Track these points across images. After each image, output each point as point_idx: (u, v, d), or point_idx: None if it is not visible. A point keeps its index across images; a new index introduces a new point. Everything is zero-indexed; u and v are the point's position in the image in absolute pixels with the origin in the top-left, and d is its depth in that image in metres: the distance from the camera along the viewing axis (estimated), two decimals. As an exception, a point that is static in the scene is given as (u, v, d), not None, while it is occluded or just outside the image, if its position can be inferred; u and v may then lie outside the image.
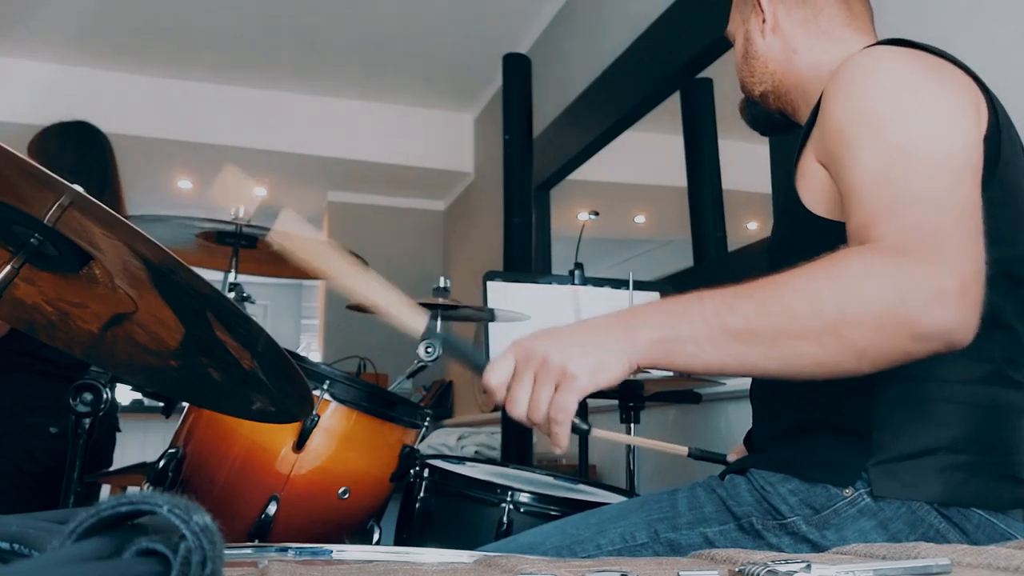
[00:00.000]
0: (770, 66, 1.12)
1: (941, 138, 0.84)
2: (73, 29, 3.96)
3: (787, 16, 1.10)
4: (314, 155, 4.77)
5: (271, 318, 7.81)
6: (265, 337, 0.83)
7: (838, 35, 1.08)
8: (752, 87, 1.15)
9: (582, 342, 0.81)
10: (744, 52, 1.16)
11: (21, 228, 0.82)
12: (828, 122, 0.92)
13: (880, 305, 0.74)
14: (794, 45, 1.09)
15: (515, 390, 0.83)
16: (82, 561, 0.33)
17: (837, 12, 1.09)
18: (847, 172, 0.87)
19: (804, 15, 1.09)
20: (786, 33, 1.10)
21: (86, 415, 1.22)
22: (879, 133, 0.85)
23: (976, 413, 0.88)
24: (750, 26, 1.14)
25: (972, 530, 0.86)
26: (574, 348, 0.80)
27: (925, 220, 0.78)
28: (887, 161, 0.83)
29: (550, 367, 0.80)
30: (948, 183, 0.81)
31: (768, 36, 1.11)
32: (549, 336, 0.83)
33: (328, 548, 0.77)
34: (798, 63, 1.09)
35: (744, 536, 0.93)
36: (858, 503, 0.88)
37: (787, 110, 1.13)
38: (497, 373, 0.84)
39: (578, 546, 1.00)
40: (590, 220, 3.68)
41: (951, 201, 0.79)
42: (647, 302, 0.83)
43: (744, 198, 2.51)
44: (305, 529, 1.34)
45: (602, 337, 0.81)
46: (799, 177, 0.97)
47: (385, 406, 1.42)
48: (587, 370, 0.79)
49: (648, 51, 2.76)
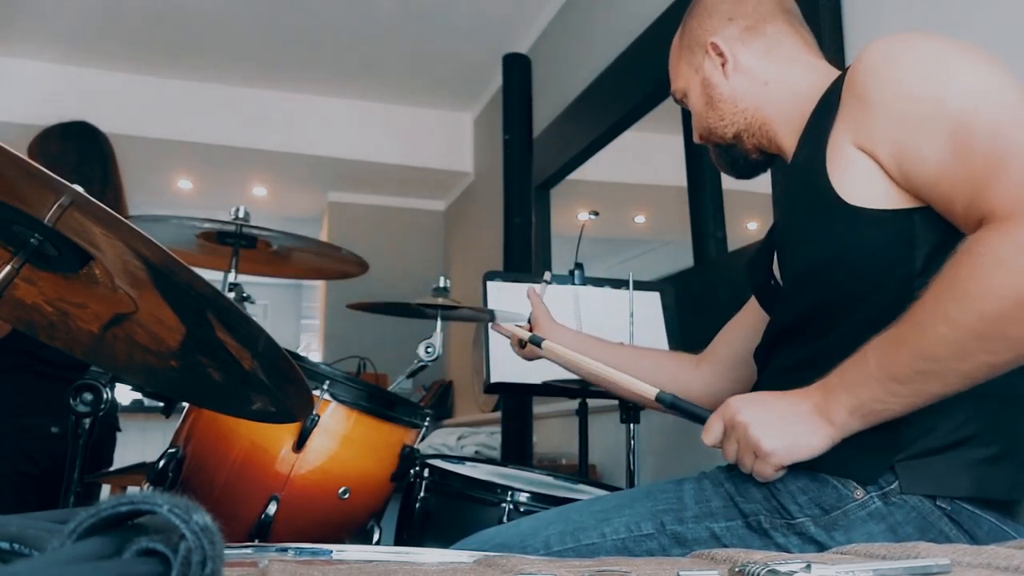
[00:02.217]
0: (739, 104, 1.11)
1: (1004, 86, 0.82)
2: (73, 29, 3.96)
3: (747, 52, 1.11)
4: (314, 155, 4.76)
5: (271, 318, 7.81)
6: (265, 337, 0.83)
7: (804, 60, 1.09)
8: (724, 131, 1.14)
9: (779, 421, 0.90)
10: (706, 100, 1.15)
11: (21, 228, 0.82)
12: (874, 104, 0.89)
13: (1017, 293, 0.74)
14: (764, 77, 1.10)
15: (726, 449, 0.95)
16: (82, 561, 0.33)
17: (794, 40, 1.11)
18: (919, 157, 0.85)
19: (764, 47, 1.10)
20: (751, 68, 1.10)
21: (86, 415, 1.22)
22: (941, 105, 0.83)
23: (1001, 405, 0.87)
24: (706, 73, 1.14)
25: (982, 536, 0.85)
26: (771, 427, 0.89)
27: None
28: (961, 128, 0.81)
29: (748, 441, 0.90)
30: None
31: (732, 76, 1.11)
32: (753, 407, 0.92)
33: (328, 548, 0.77)
34: (773, 93, 1.09)
35: (751, 534, 0.93)
36: (868, 506, 0.87)
37: (763, 144, 1.12)
38: (709, 436, 0.96)
39: (582, 533, 0.99)
40: (590, 220, 3.68)
41: None
42: (824, 382, 0.89)
43: (744, 198, 2.51)
44: (305, 529, 1.34)
45: (801, 422, 0.88)
46: (832, 170, 0.93)
47: (385, 406, 1.42)
48: (783, 448, 0.88)
49: (648, 51, 2.76)
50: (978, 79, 0.84)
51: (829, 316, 0.94)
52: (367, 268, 1.80)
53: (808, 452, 0.88)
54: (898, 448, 0.87)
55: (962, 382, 0.80)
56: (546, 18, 3.73)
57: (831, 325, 0.93)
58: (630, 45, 2.85)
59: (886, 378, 0.82)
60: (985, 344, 0.77)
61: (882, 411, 0.84)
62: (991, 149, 0.79)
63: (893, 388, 0.82)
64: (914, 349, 0.80)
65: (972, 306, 0.76)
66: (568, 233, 3.50)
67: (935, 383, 0.81)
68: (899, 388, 0.82)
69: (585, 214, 3.73)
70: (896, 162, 0.87)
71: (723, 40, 1.11)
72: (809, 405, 0.88)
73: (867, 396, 0.84)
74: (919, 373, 0.80)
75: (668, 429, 2.46)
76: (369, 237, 5.17)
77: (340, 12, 3.79)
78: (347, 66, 4.36)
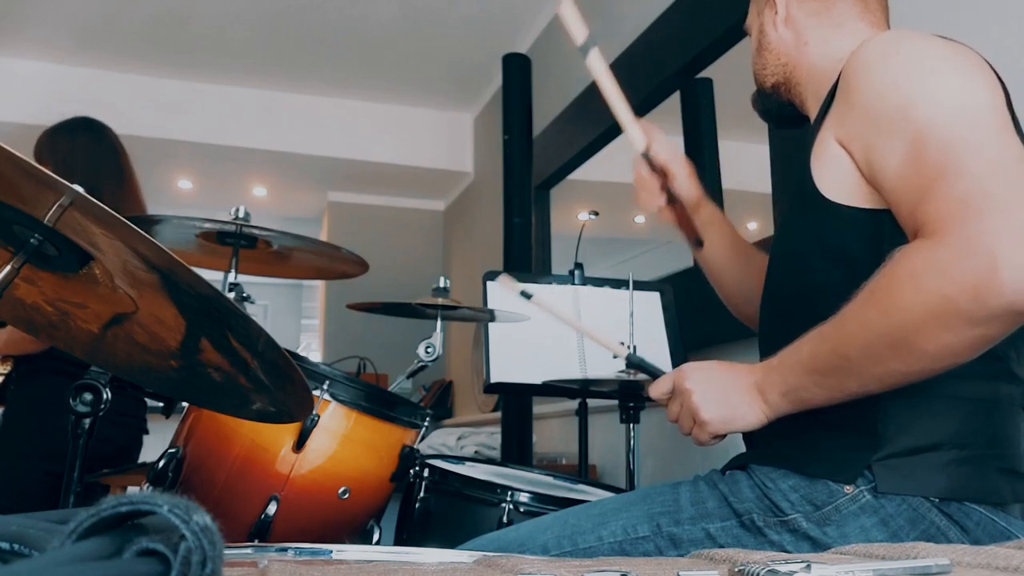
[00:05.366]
0: (782, 58, 1.13)
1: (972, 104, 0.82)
2: (74, 29, 3.96)
3: (799, 8, 1.11)
4: (314, 155, 4.76)
5: (271, 318, 7.81)
6: (265, 337, 0.83)
7: (851, 27, 1.08)
8: (764, 79, 1.16)
9: (721, 394, 0.96)
10: (758, 44, 1.17)
11: (21, 228, 0.82)
12: (854, 101, 0.90)
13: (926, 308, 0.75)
14: (806, 37, 1.10)
15: (670, 409, 1.02)
16: (82, 561, 0.33)
17: (851, 5, 1.09)
18: (882, 159, 0.86)
19: (816, 7, 1.10)
20: (798, 25, 1.11)
21: (86, 415, 1.22)
22: (908, 112, 0.84)
23: (978, 407, 0.88)
24: (764, 19, 1.15)
25: (972, 527, 0.86)
26: (712, 398, 0.96)
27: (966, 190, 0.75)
28: (919, 138, 0.82)
29: (689, 407, 0.97)
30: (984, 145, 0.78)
31: (780, 28, 1.12)
32: (700, 375, 0.98)
33: (328, 548, 0.77)
34: (810, 55, 1.09)
35: (746, 532, 0.93)
36: (859, 500, 0.88)
37: (796, 103, 1.14)
38: (655, 390, 1.03)
39: (579, 536, 1.00)
40: (590, 220, 3.68)
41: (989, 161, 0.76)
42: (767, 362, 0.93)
43: (744, 198, 2.51)
44: (305, 529, 1.34)
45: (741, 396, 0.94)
46: (814, 162, 0.96)
47: (385, 406, 1.42)
48: (719, 419, 0.95)
49: (648, 51, 2.76)
50: (950, 91, 0.84)
51: (807, 299, 0.98)
52: (367, 268, 1.80)
53: (743, 425, 0.95)
54: (876, 448, 0.88)
55: (878, 384, 0.83)
56: (546, 18, 3.72)
57: (808, 308, 0.95)
58: (630, 45, 2.85)
59: (812, 369, 0.87)
60: (896, 352, 0.79)
61: (808, 399, 0.89)
62: (938, 164, 0.79)
63: (817, 379, 0.87)
64: (834, 346, 0.84)
65: (885, 314, 0.79)
66: (568, 233, 3.50)
67: (852, 381, 0.84)
68: (822, 380, 0.86)
69: (585, 214, 3.73)
70: (866, 162, 0.89)
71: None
72: (751, 382, 0.94)
73: (795, 383, 0.89)
74: (837, 369, 0.85)
75: (668, 429, 2.46)
76: (369, 237, 5.16)
77: (340, 12, 3.79)
78: (347, 66, 4.36)
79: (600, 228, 3.68)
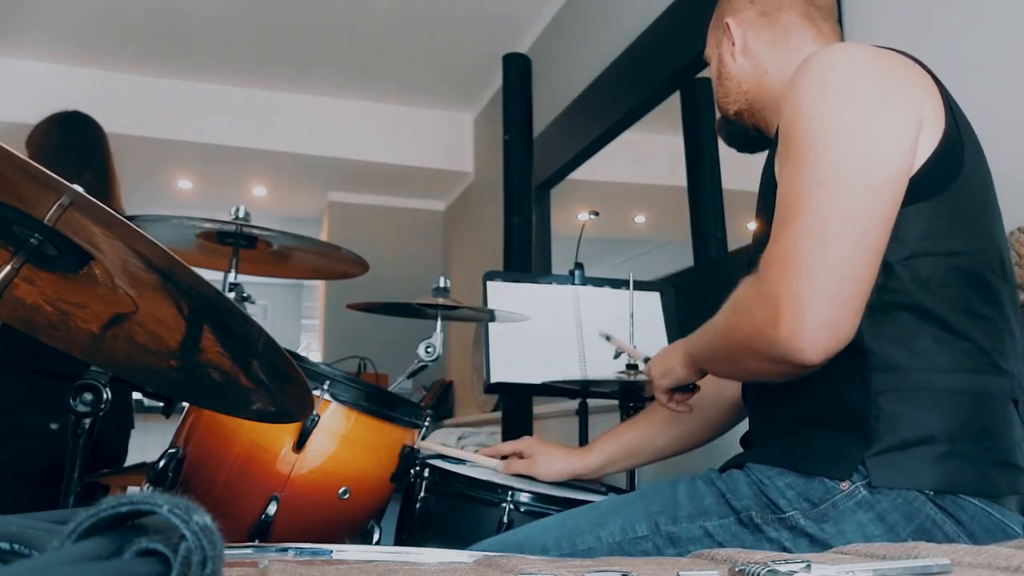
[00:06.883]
0: (743, 86, 1.16)
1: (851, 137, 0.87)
2: (74, 29, 3.96)
3: (756, 38, 1.15)
4: (314, 155, 4.76)
5: (271, 318, 7.81)
6: (265, 337, 0.83)
7: (807, 51, 1.10)
8: (728, 106, 1.20)
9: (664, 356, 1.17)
10: (718, 74, 1.21)
11: (21, 228, 0.82)
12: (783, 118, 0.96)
13: (742, 336, 0.91)
14: (765, 66, 1.14)
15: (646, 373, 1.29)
16: (82, 561, 0.33)
17: (805, 33, 1.13)
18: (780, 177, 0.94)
19: (772, 37, 1.14)
20: (756, 54, 1.15)
21: (86, 415, 1.22)
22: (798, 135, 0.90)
23: (969, 401, 0.89)
24: (722, 49, 1.19)
25: (968, 520, 0.86)
26: (659, 360, 1.18)
27: (787, 246, 0.85)
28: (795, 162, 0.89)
29: (647, 370, 1.22)
30: (824, 203, 0.84)
31: (739, 58, 1.16)
32: (658, 354, 1.20)
33: (328, 548, 0.77)
34: (769, 82, 1.13)
35: (744, 530, 0.94)
36: (855, 496, 0.88)
37: (761, 127, 1.17)
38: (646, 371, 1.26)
39: (578, 537, 1.00)
40: (590, 220, 3.68)
41: (818, 220, 0.84)
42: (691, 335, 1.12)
43: (744, 198, 2.51)
44: (305, 529, 1.34)
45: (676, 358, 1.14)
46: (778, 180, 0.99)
47: (385, 406, 1.42)
48: (660, 373, 1.17)
49: (648, 51, 2.76)
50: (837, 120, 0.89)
51: None
52: (367, 268, 1.79)
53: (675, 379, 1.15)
54: (869, 443, 0.88)
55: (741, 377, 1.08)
56: (546, 18, 3.72)
57: None
58: (630, 45, 2.85)
59: (703, 352, 1.07)
60: (732, 364, 1.00)
61: (710, 370, 1.10)
62: (787, 209, 0.88)
63: (698, 359, 1.09)
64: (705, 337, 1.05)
65: (722, 332, 0.98)
66: (568, 233, 3.50)
67: (720, 369, 1.08)
68: (700, 361, 1.09)
69: (585, 214, 3.73)
70: None
71: (739, 22, 1.16)
72: (684, 345, 1.13)
73: (699, 354, 1.09)
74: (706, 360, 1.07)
75: (668, 429, 2.46)
76: (369, 237, 5.16)
77: (340, 12, 3.79)
78: (347, 66, 4.36)
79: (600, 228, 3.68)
